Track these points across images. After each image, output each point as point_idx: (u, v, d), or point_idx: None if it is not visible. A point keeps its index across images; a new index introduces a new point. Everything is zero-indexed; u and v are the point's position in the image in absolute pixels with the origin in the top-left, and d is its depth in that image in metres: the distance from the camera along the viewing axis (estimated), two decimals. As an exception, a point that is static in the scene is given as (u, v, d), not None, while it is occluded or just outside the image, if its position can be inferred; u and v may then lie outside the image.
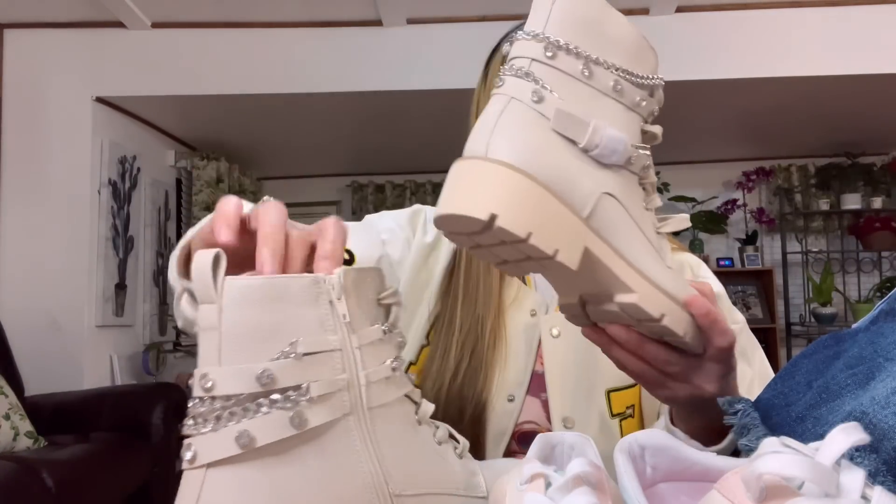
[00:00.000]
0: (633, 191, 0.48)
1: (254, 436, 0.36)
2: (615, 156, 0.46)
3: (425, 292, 0.85)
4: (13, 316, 2.97)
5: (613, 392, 0.78)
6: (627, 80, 0.47)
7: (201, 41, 3.24)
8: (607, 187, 0.45)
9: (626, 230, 0.47)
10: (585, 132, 0.44)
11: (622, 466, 0.35)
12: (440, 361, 0.80)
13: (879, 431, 0.35)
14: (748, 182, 4.77)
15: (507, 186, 0.41)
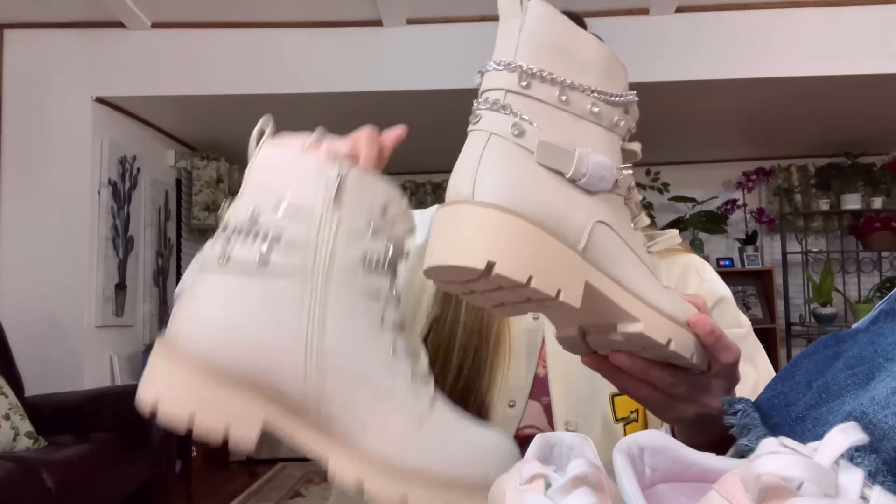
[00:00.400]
0: (622, 214, 0.47)
1: (230, 255, 0.45)
2: (603, 182, 0.44)
3: (423, 296, 0.84)
4: (13, 316, 2.97)
5: (618, 396, 0.77)
6: (603, 101, 0.45)
7: (201, 41, 3.24)
8: (599, 215, 0.44)
9: (621, 257, 0.46)
10: (571, 162, 0.43)
11: (621, 467, 0.35)
12: (442, 363, 0.79)
13: (879, 431, 0.35)
14: (748, 182, 4.77)
15: (501, 230, 0.39)
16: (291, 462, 4.18)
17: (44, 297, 3.09)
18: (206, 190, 4.00)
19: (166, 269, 3.93)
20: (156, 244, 3.81)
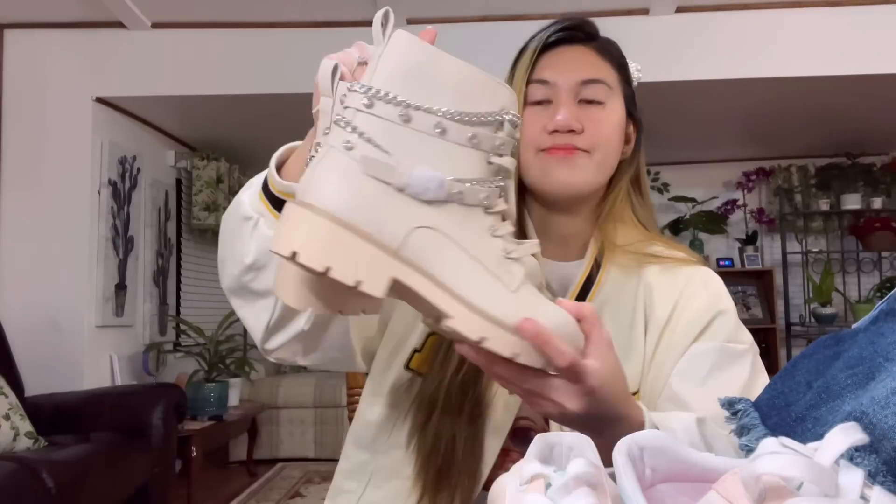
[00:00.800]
0: (466, 222, 0.51)
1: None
2: (430, 192, 0.49)
3: None
4: (13, 316, 2.97)
5: None
6: (454, 120, 0.50)
7: (201, 41, 3.24)
8: (424, 221, 0.49)
9: (446, 258, 0.50)
10: (392, 174, 0.49)
11: (621, 467, 0.35)
12: (444, 353, 0.80)
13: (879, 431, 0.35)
14: (748, 182, 4.77)
15: (310, 227, 0.47)
16: (291, 462, 4.18)
17: (44, 297, 3.09)
18: (206, 190, 4.00)
19: (166, 269, 3.93)
20: (156, 244, 3.81)
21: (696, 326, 0.78)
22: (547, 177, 0.80)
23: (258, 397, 4.17)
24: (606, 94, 0.82)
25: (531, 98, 0.82)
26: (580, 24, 0.84)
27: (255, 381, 4.16)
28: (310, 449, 4.20)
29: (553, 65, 0.82)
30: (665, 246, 0.85)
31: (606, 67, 0.83)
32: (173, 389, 2.85)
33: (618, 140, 0.83)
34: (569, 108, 0.80)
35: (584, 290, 0.82)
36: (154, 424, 2.66)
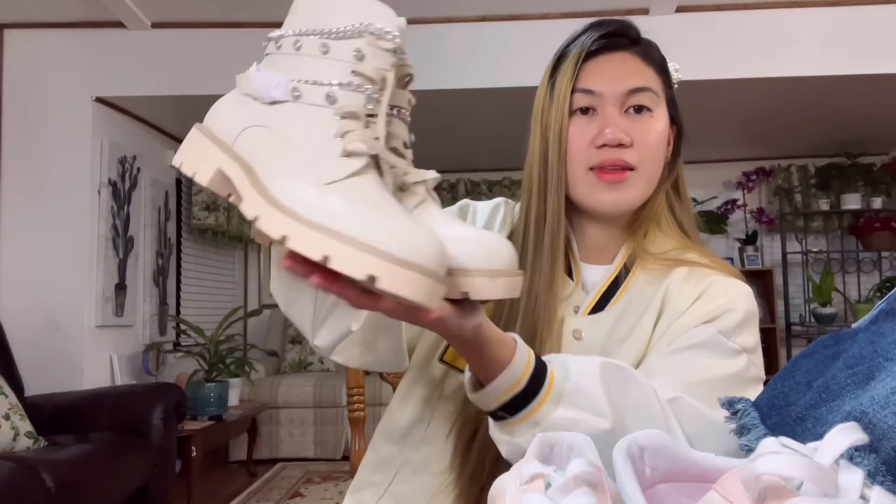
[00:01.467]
0: (301, 122, 0.52)
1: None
2: (273, 92, 0.53)
3: None
4: (13, 316, 2.97)
5: None
6: (308, 35, 0.56)
7: (201, 41, 3.24)
8: (258, 121, 0.53)
9: (269, 155, 0.51)
10: (246, 82, 0.56)
11: (621, 467, 0.35)
12: None
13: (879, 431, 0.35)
14: (748, 182, 4.77)
15: (188, 139, 0.57)
16: (291, 462, 4.19)
17: (44, 297, 3.09)
18: (206, 190, 3.99)
19: (166, 269, 3.93)
20: (156, 244, 3.81)
21: (704, 316, 0.76)
22: (595, 197, 0.80)
23: (258, 397, 4.17)
24: (653, 102, 0.80)
25: (575, 105, 0.81)
26: (623, 30, 0.82)
27: (255, 381, 4.16)
28: (310, 449, 4.20)
29: (598, 73, 0.80)
30: (700, 255, 0.83)
31: (651, 73, 0.82)
32: (173, 389, 2.85)
33: (664, 148, 0.82)
34: (616, 121, 0.78)
35: (609, 293, 0.82)
36: (154, 424, 2.66)
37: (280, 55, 0.56)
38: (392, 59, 0.54)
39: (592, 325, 0.80)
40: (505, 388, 0.61)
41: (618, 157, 0.78)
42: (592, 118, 0.80)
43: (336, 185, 0.48)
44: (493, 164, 4.76)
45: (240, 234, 4.45)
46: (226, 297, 4.73)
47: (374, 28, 0.54)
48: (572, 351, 0.79)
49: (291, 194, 0.47)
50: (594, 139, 0.78)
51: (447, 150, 4.41)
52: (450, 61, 3.19)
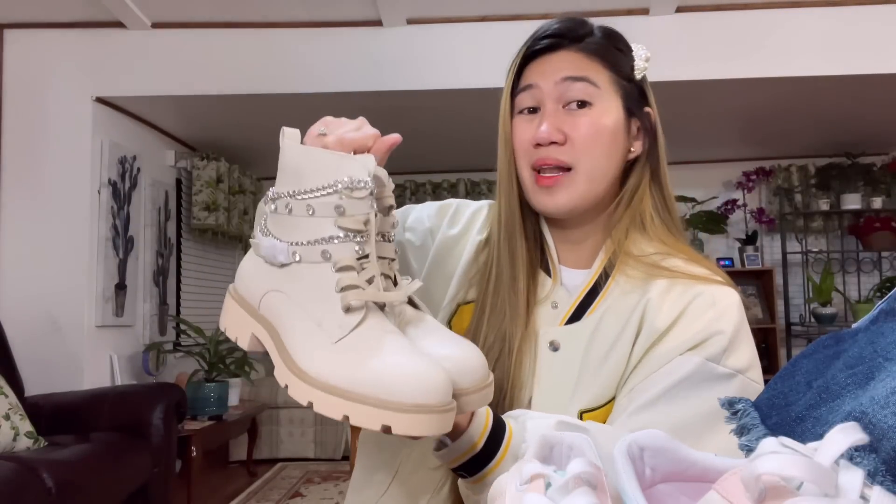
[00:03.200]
0: (307, 281, 0.57)
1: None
2: (279, 257, 0.59)
3: (451, 281, 0.86)
4: (13, 316, 2.97)
5: (587, 413, 0.76)
6: (296, 198, 0.59)
7: (201, 41, 3.24)
8: (274, 285, 0.59)
9: (287, 319, 0.58)
10: (257, 248, 0.62)
11: (621, 467, 0.35)
12: None
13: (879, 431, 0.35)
14: (748, 182, 4.77)
15: (225, 305, 0.66)
16: (291, 462, 4.19)
17: (44, 297, 3.09)
18: (206, 190, 4.00)
19: (166, 269, 3.93)
20: (156, 244, 3.81)
21: (689, 342, 0.73)
22: (536, 199, 0.80)
23: (258, 397, 4.17)
24: (593, 95, 0.78)
25: (519, 107, 0.81)
26: (563, 31, 0.81)
27: (255, 381, 4.16)
28: (310, 449, 4.20)
29: (537, 71, 0.81)
30: (686, 260, 0.79)
31: (594, 66, 0.80)
32: (173, 389, 2.85)
33: (608, 144, 0.79)
34: (552, 118, 0.78)
35: (588, 300, 0.80)
36: (154, 424, 2.66)
37: (279, 216, 0.60)
38: (370, 202, 0.58)
39: (569, 336, 0.78)
40: (463, 451, 0.63)
41: (551, 156, 0.77)
42: (535, 117, 0.80)
43: (344, 341, 0.54)
44: (493, 164, 4.74)
45: (240, 234, 4.45)
46: (226, 297, 4.73)
47: (347, 182, 0.57)
48: (549, 362, 0.78)
49: (309, 362, 0.54)
50: (533, 136, 0.78)
51: (447, 150, 4.41)
52: (450, 61, 3.19)
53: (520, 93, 0.81)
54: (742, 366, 0.73)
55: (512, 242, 0.81)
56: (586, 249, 0.84)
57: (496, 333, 0.79)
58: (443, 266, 0.87)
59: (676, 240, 0.82)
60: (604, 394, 0.76)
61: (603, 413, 0.76)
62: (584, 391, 0.76)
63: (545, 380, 0.78)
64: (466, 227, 0.90)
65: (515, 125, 0.81)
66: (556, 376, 0.78)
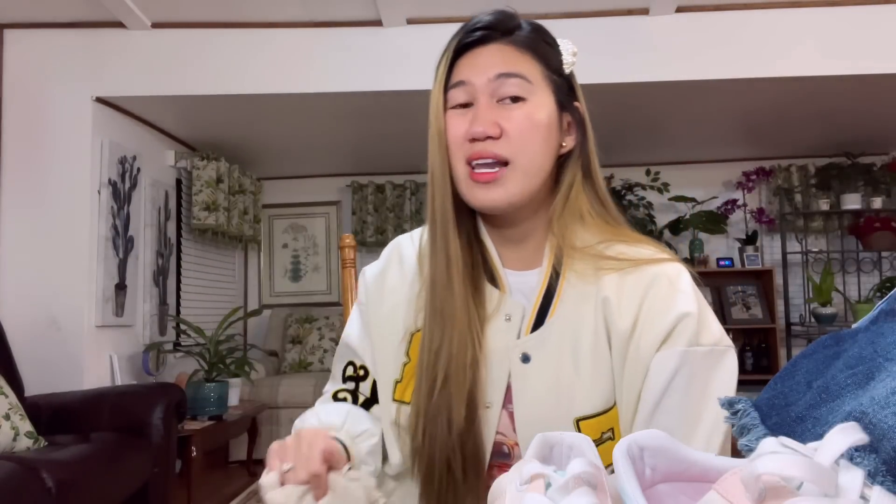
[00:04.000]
0: None
1: None
2: None
3: (400, 318, 0.86)
4: (13, 316, 2.97)
5: (583, 420, 0.76)
6: None
7: (201, 41, 3.24)
8: None
9: None
10: None
11: (621, 467, 0.35)
12: (417, 380, 0.81)
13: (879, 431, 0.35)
14: (748, 182, 4.77)
15: None
16: (291, 462, 4.18)
17: (44, 297, 3.09)
18: (206, 190, 4.00)
19: (166, 269, 3.93)
20: (156, 244, 3.81)
21: (660, 335, 0.74)
22: (473, 197, 0.79)
23: (258, 397, 4.16)
24: (527, 90, 0.78)
25: (452, 102, 0.80)
26: (494, 23, 0.81)
27: (255, 381, 4.16)
28: (310, 449, 4.19)
29: (469, 65, 0.80)
30: (629, 244, 0.80)
31: (526, 60, 0.79)
32: (173, 389, 2.85)
33: (543, 138, 0.79)
34: (486, 112, 0.77)
35: (544, 308, 0.80)
36: (154, 424, 2.65)
37: None
38: None
39: (538, 344, 0.79)
40: None
41: (487, 150, 0.77)
42: (468, 111, 0.79)
43: None
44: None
45: (240, 234, 4.45)
46: (226, 297, 4.73)
47: None
48: (523, 375, 0.78)
49: None
50: (465, 133, 0.78)
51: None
52: (450, 61, 3.19)
53: (452, 88, 0.80)
54: (717, 337, 0.74)
55: (445, 241, 0.80)
56: (530, 248, 0.84)
57: (441, 338, 0.79)
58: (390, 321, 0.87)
59: (614, 227, 0.83)
60: (600, 400, 0.76)
61: (602, 420, 0.76)
62: (574, 398, 0.76)
63: (524, 393, 0.78)
64: (386, 265, 0.91)
65: (449, 120, 0.80)
66: (535, 387, 0.78)
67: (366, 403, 0.88)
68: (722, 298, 4.70)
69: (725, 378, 0.74)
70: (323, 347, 4.65)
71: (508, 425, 0.79)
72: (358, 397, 0.89)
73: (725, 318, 4.61)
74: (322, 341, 4.67)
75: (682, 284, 0.76)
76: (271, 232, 5.16)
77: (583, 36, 3.20)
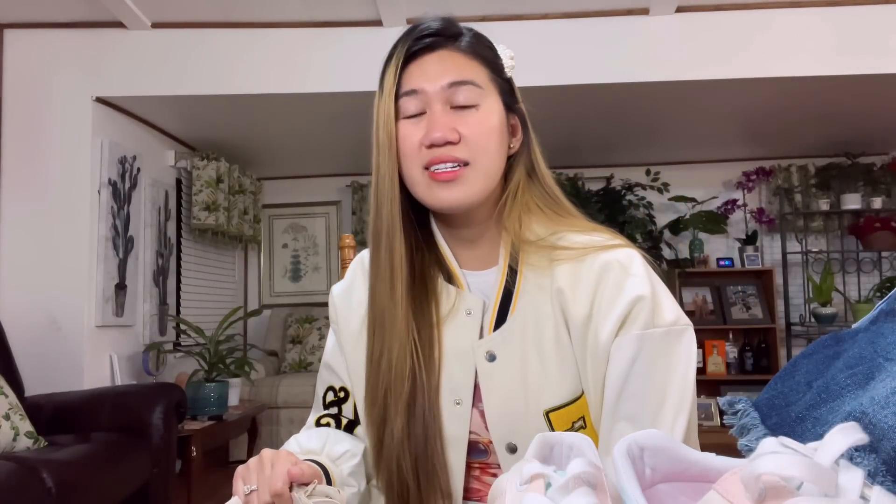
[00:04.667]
0: None
1: None
2: None
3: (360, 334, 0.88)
4: (13, 316, 2.97)
5: (553, 412, 0.77)
6: None
7: (201, 41, 3.24)
8: None
9: None
10: None
11: (621, 467, 0.35)
12: (364, 393, 0.84)
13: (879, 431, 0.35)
14: (748, 182, 4.77)
15: None
16: (291, 462, 4.18)
17: (44, 297, 3.09)
18: (206, 190, 4.00)
19: (166, 269, 3.93)
20: (156, 244, 3.81)
21: (616, 321, 0.74)
22: (434, 195, 0.79)
23: (258, 397, 4.17)
24: (479, 96, 0.80)
25: (404, 112, 0.80)
26: (440, 29, 0.82)
27: (255, 381, 4.16)
28: (310, 449, 4.20)
29: (419, 73, 0.80)
30: (582, 232, 0.81)
31: (475, 66, 0.81)
32: (173, 389, 2.85)
33: (498, 141, 0.81)
34: (442, 119, 0.78)
35: (504, 305, 0.81)
36: (154, 424, 2.65)
37: None
38: None
39: (502, 342, 0.80)
40: None
41: (448, 154, 0.78)
42: (421, 119, 0.80)
43: None
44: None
45: (240, 234, 4.45)
46: (226, 297, 4.73)
47: None
48: (489, 372, 0.80)
49: None
50: (422, 139, 0.78)
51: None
52: (450, 61, 3.19)
53: (404, 96, 0.80)
54: (673, 317, 0.75)
55: (390, 249, 0.81)
56: (485, 247, 0.85)
57: (381, 348, 0.81)
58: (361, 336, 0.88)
59: (564, 217, 0.84)
60: (567, 391, 0.77)
61: (571, 410, 0.77)
62: (542, 392, 0.77)
63: (493, 390, 0.79)
64: (352, 280, 0.92)
65: (402, 129, 0.80)
66: (503, 384, 0.79)
67: (349, 426, 0.89)
68: (722, 298, 4.70)
69: (685, 358, 0.74)
70: (323, 347, 4.64)
71: (480, 424, 0.81)
72: (341, 421, 0.90)
73: (725, 318, 4.62)
74: (322, 341, 4.67)
75: (634, 268, 0.77)
76: (271, 232, 5.16)
77: (583, 36, 3.21)
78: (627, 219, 4.35)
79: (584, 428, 0.78)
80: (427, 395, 0.80)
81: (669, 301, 0.77)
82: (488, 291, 0.83)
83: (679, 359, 0.74)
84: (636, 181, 4.68)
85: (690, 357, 0.74)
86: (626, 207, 4.55)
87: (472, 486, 0.83)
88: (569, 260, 0.79)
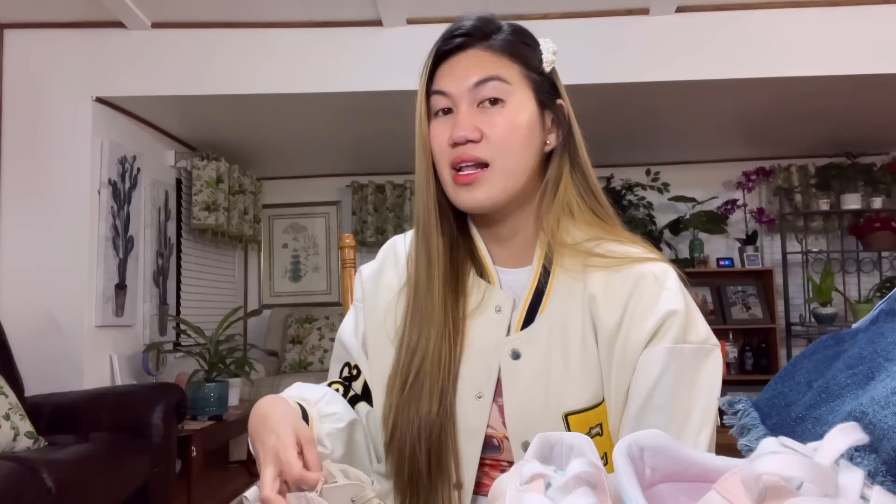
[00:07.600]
0: None
1: None
2: None
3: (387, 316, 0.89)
4: (13, 316, 2.97)
5: (572, 415, 0.77)
6: None
7: (201, 41, 3.24)
8: None
9: None
10: None
11: (621, 467, 0.35)
12: (391, 379, 0.84)
13: (879, 431, 0.35)
14: (748, 182, 4.77)
15: None
16: (291, 462, 4.18)
17: (44, 297, 3.09)
18: (206, 190, 3.99)
19: (166, 269, 3.93)
20: (156, 244, 3.81)
21: (647, 332, 0.75)
22: (457, 198, 0.81)
23: (258, 397, 4.14)
24: (506, 91, 0.80)
25: (434, 109, 0.83)
26: (471, 29, 0.83)
27: (255, 381, 4.16)
28: (310, 449, 4.19)
29: (448, 74, 0.82)
30: (620, 243, 0.81)
31: (504, 63, 0.81)
32: (173, 389, 2.85)
33: (524, 139, 0.80)
34: (466, 117, 0.79)
35: (534, 305, 0.81)
36: (154, 424, 2.65)
37: None
38: None
39: (528, 342, 0.80)
40: None
41: (468, 153, 0.79)
42: (450, 118, 0.81)
43: None
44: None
45: (240, 234, 4.44)
46: (226, 297, 4.73)
47: None
48: (513, 370, 0.80)
49: None
50: (448, 138, 0.80)
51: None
52: (450, 61, 3.19)
53: (433, 96, 0.83)
54: (703, 336, 0.76)
55: (427, 242, 0.83)
56: (520, 245, 0.85)
57: (418, 337, 0.82)
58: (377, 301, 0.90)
59: (606, 222, 0.84)
60: (588, 396, 0.77)
61: (590, 416, 0.77)
62: (563, 394, 0.77)
63: (515, 387, 0.79)
64: (382, 264, 0.93)
65: (432, 127, 0.83)
66: (525, 383, 0.79)
67: (353, 399, 0.89)
68: (722, 298, 4.70)
69: (712, 377, 0.75)
70: (323, 347, 4.65)
71: (498, 418, 0.81)
72: (349, 392, 0.91)
73: (725, 318, 4.61)
74: (322, 341, 4.67)
75: (668, 283, 0.77)
76: (271, 232, 5.16)
77: (583, 36, 3.21)
78: (627, 219, 4.35)
79: (601, 435, 0.77)
80: (451, 386, 0.80)
81: (701, 320, 0.77)
82: (519, 290, 0.84)
83: (706, 376, 0.74)
84: (636, 181, 4.68)
85: (717, 376, 0.75)
86: (627, 207, 4.55)
87: (482, 480, 0.83)
88: (603, 268, 0.79)
